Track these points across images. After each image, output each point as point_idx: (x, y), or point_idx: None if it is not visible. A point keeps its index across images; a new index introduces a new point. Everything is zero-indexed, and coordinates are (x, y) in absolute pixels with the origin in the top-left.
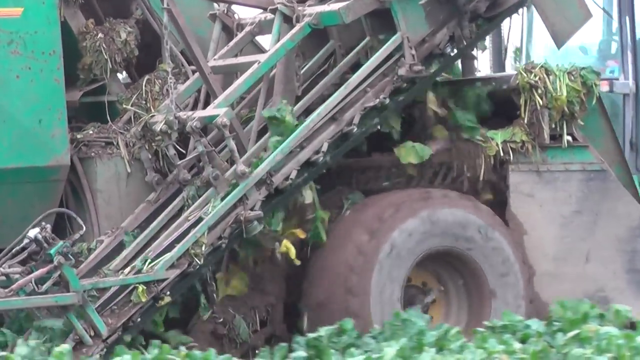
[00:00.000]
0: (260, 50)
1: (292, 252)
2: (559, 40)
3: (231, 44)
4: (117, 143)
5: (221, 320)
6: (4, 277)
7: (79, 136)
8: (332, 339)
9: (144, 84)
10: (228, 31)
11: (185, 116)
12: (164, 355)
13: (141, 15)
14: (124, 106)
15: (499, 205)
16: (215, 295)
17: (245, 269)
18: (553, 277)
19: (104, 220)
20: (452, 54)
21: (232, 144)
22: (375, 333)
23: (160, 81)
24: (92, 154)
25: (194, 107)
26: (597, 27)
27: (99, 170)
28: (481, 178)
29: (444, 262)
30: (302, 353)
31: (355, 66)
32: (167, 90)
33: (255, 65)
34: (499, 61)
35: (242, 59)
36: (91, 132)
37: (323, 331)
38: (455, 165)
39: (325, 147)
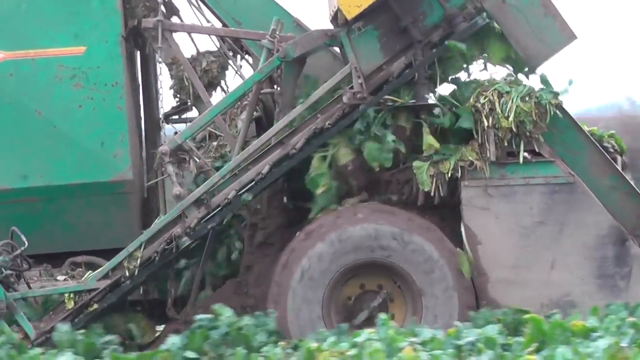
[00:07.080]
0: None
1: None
2: (532, 63)
3: None
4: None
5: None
6: None
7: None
8: None
9: None
10: None
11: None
12: None
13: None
14: None
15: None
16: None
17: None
18: (512, 284)
19: None
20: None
21: (170, 169)
22: None
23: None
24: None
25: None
26: None
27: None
28: (432, 193)
29: (380, 270)
30: None
31: None
32: None
33: (222, 97)
34: None
35: None
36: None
37: None
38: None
39: (266, 170)
